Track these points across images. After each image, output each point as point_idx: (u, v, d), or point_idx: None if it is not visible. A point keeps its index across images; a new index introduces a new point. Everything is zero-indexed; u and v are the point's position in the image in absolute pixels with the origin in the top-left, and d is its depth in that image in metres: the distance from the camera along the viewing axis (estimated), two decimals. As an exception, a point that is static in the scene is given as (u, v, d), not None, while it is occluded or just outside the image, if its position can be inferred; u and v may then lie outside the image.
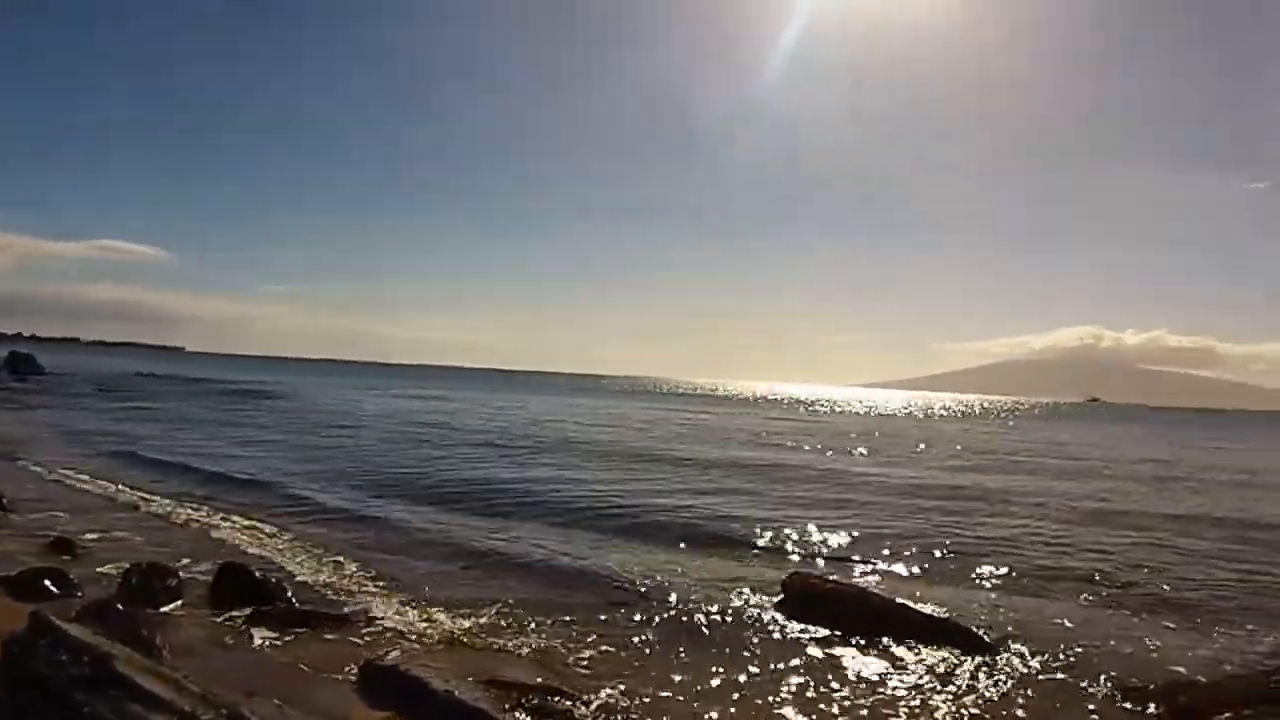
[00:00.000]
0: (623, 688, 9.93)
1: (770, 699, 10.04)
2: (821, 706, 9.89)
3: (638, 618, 13.05)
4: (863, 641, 12.02)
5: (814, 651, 11.76)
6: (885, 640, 12.03)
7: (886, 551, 18.85)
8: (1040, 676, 11.22)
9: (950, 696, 10.36)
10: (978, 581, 16.58)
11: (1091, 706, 10.32)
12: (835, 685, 10.50)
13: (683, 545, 18.92)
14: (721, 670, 10.87)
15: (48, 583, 12.41)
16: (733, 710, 9.68)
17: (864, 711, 9.84)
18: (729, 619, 13.16)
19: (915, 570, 17.37)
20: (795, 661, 11.33)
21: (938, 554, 18.77)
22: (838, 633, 12.29)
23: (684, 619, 13.09)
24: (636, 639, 12.00)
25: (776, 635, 12.50)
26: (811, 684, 10.50)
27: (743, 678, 10.64)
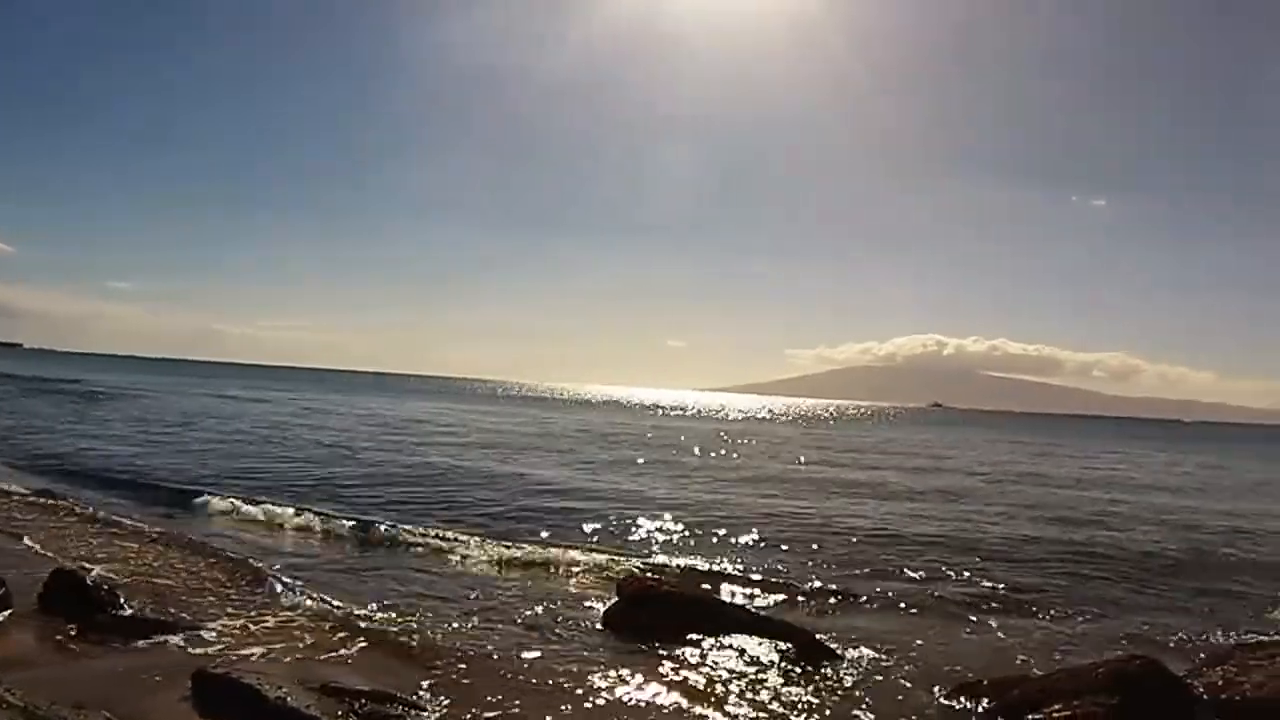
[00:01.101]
0: (456, 694, 9.79)
1: (602, 702, 9.97)
2: (652, 709, 9.86)
3: (473, 621, 12.93)
4: (696, 642, 12.05)
5: (646, 654, 11.74)
6: (718, 640, 12.10)
7: (721, 552, 19.17)
8: (875, 674, 11.44)
9: (783, 696, 10.45)
10: (813, 580, 16.90)
11: (925, 702, 10.56)
12: (666, 688, 10.48)
13: (520, 545, 18.81)
14: (554, 674, 10.76)
15: None
16: (565, 716, 9.56)
17: (694, 713, 9.83)
18: (563, 621, 13.14)
19: (751, 570, 17.58)
20: (627, 664, 11.27)
21: (773, 554, 19.14)
22: (671, 634, 12.27)
23: (518, 622, 13.02)
24: (472, 642, 11.85)
25: (609, 637, 12.51)
26: (643, 687, 10.46)
27: (575, 682, 10.52)
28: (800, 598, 15.67)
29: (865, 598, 15.85)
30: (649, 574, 16.13)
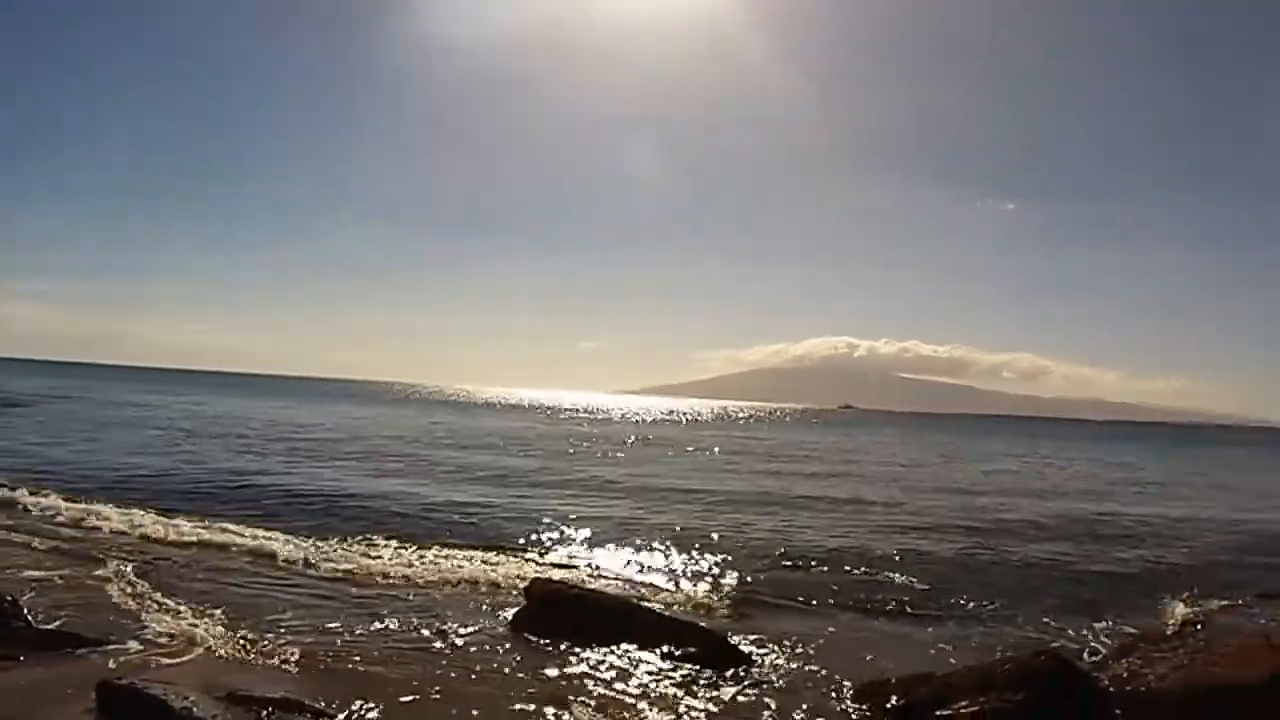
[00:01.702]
0: (364, 701, 9.65)
1: (509, 707, 9.91)
2: (559, 714, 9.78)
3: (382, 628, 12.80)
4: (605, 645, 11.99)
5: (555, 657, 11.70)
6: (629, 643, 12.04)
7: (631, 555, 19.11)
8: (784, 676, 11.53)
9: (692, 699, 10.44)
10: (723, 583, 16.93)
11: (833, 701, 10.64)
12: (574, 692, 10.44)
13: (426, 547, 18.72)
14: (463, 680, 10.72)
15: None
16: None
17: (601, 718, 9.76)
18: (473, 626, 13.07)
19: (661, 573, 17.61)
20: (536, 668, 11.26)
21: (683, 557, 19.10)
22: (580, 637, 12.22)
23: (427, 627, 12.93)
24: (380, 649, 11.75)
25: (518, 641, 12.44)
26: (551, 691, 10.41)
27: (483, 688, 10.48)
28: (710, 600, 15.66)
29: (775, 600, 15.91)
30: (558, 577, 16.06)
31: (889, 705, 10.09)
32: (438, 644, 12.17)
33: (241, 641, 11.63)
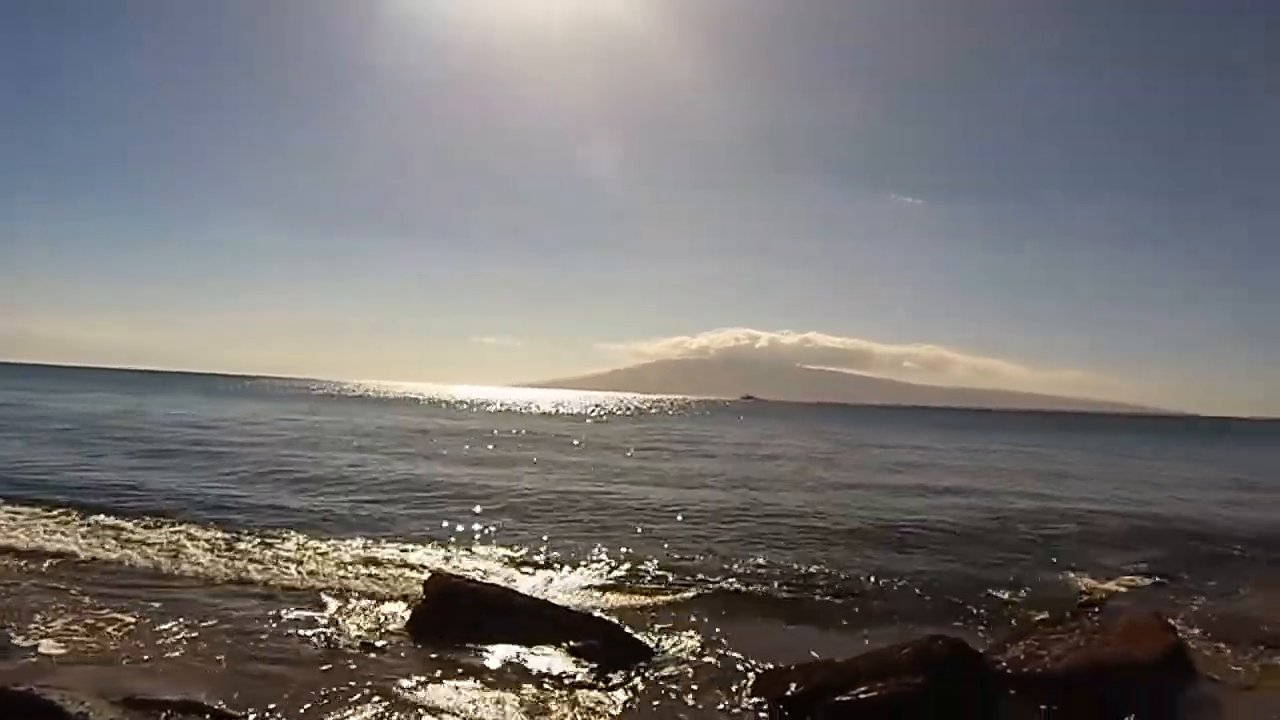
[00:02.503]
0: (263, 701, 9.59)
1: (407, 704, 9.86)
2: (457, 711, 9.74)
3: (280, 626, 12.64)
4: (506, 640, 11.94)
5: (453, 653, 11.64)
6: (529, 638, 12.00)
7: (534, 548, 18.95)
8: (685, 666, 11.58)
9: (594, 692, 10.48)
10: (624, 575, 16.94)
11: (734, 690, 10.72)
12: (473, 688, 10.43)
13: (321, 544, 18.41)
14: (361, 676, 10.65)
15: None
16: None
17: (501, 714, 9.73)
18: (370, 622, 13.02)
19: (563, 566, 17.52)
20: (434, 664, 11.21)
21: (585, 549, 19.05)
22: (479, 632, 12.13)
23: (325, 625, 12.80)
24: (278, 648, 11.67)
25: (416, 637, 12.35)
26: (449, 687, 10.39)
27: (380, 684, 10.40)
28: (612, 593, 15.67)
29: (677, 591, 15.90)
30: (457, 571, 15.97)
31: (788, 693, 10.10)
32: (336, 642, 12.00)
33: (139, 645, 11.43)
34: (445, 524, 21.59)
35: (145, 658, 10.96)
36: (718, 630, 13.26)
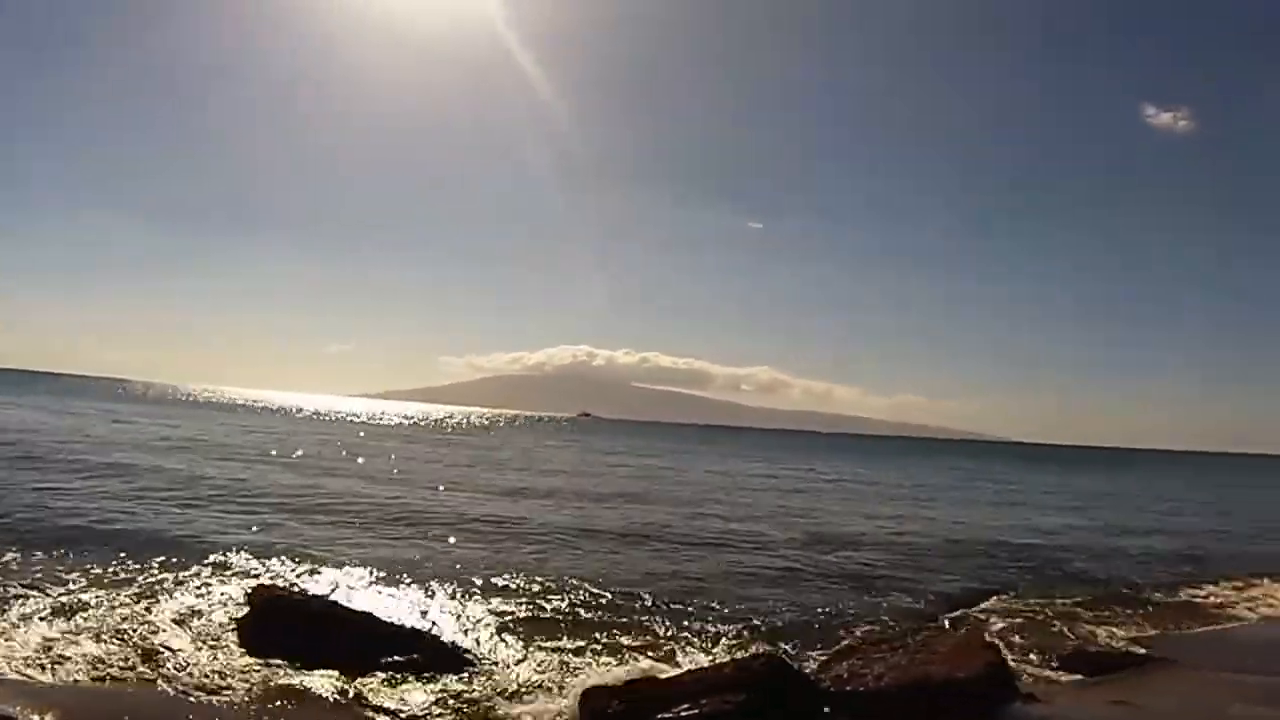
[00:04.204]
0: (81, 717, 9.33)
1: (228, 715, 9.86)
2: None
3: (96, 641, 12.08)
4: (328, 653, 11.71)
5: (276, 665, 11.47)
6: (352, 651, 11.80)
7: (358, 561, 18.58)
8: (506, 681, 11.63)
9: (411, 706, 10.54)
10: (447, 589, 16.63)
11: (555, 707, 10.74)
12: (293, 700, 10.39)
13: (142, 556, 17.55)
14: (181, 687, 10.60)
15: None
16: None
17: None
18: (192, 634, 12.74)
19: (385, 579, 17.15)
20: (256, 676, 11.08)
21: (409, 563, 18.75)
22: (303, 644, 11.86)
23: (147, 637, 12.41)
24: (97, 659, 11.34)
25: (239, 651, 12.06)
26: (273, 701, 10.33)
27: (203, 693, 10.42)
28: (435, 606, 15.44)
29: (499, 605, 15.72)
30: (281, 584, 15.65)
31: (610, 710, 10.03)
32: (158, 654, 11.71)
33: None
34: (270, 531, 21.18)
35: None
36: (545, 646, 13.28)
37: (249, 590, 13.78)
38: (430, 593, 16.41)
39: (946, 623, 16.56)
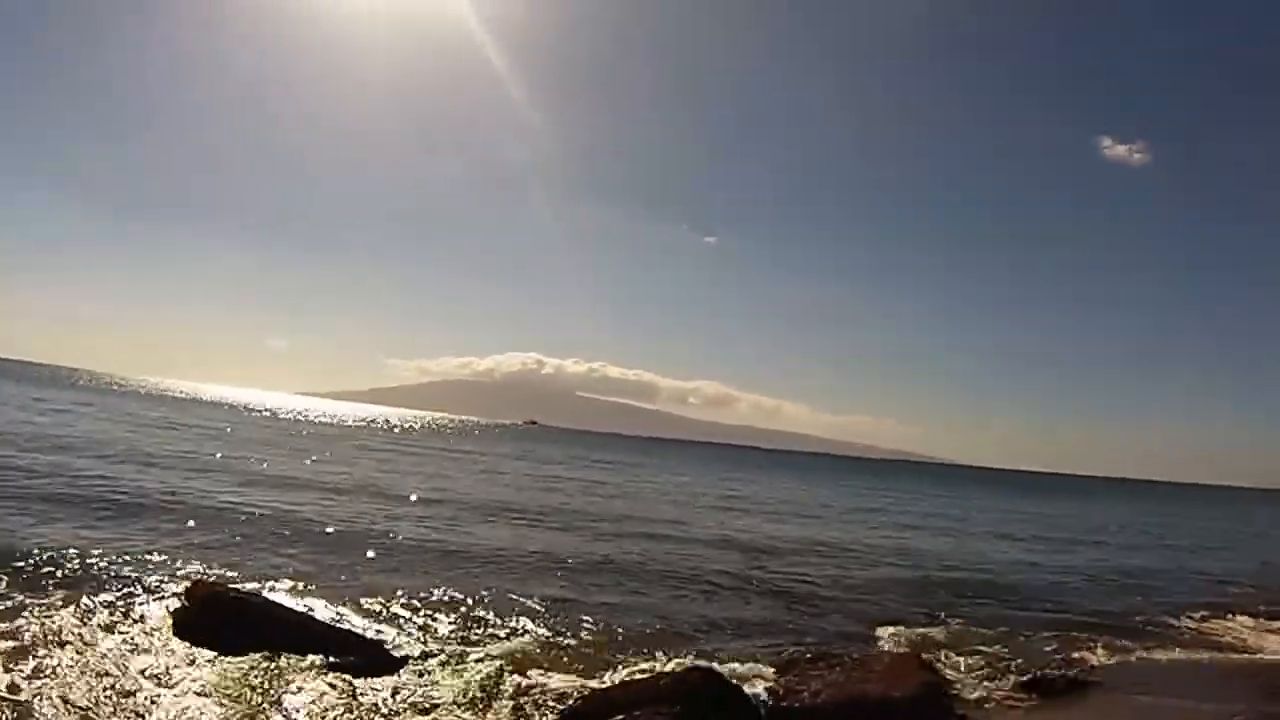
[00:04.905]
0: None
1: (160, 710, 9.76)
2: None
3: (30, 629, 11.86)
4: (265, 650, 11.68)
5: (212, 661, 11.38)
6: (289, 650, 11.79)
7: (295, 559, 18.44)
8: (437, 685, 11.54)
9: (342, 708, 10.47)
10: (385, 591, 16.46)
11: (487, 713, 10.73)
12: (226, 697, 10.32)
13: (84, 537, 17.64)
14: (116, 679, 10.43)
15: None
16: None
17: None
18: (129, 625, 12.56)
19: (322, 578, 16.97)
20: (191, 671, 10.99)
21: (347, 562, 18.67)
22: (241, 641, 11.80)
23: (81, 625, 12.20)
24: (30, 650, 11.10)
25: (178, 645, 11.90)
26: (206, 695, 10.29)
27: (137, 687, 10.30)
28: (371, 607, 15.30)
29: (437, 608, 15.68)
30: (220, 579, 15.41)
31: (544, 719, 9.98)
32: (94, 646, 11.54)
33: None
34: (206, 527, 20.96)
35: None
36: (478, 656, 13.08)
37: (189, 584, 13.58)
38: (376, 595, 16.17)
39: (884, 643, 16.59)
